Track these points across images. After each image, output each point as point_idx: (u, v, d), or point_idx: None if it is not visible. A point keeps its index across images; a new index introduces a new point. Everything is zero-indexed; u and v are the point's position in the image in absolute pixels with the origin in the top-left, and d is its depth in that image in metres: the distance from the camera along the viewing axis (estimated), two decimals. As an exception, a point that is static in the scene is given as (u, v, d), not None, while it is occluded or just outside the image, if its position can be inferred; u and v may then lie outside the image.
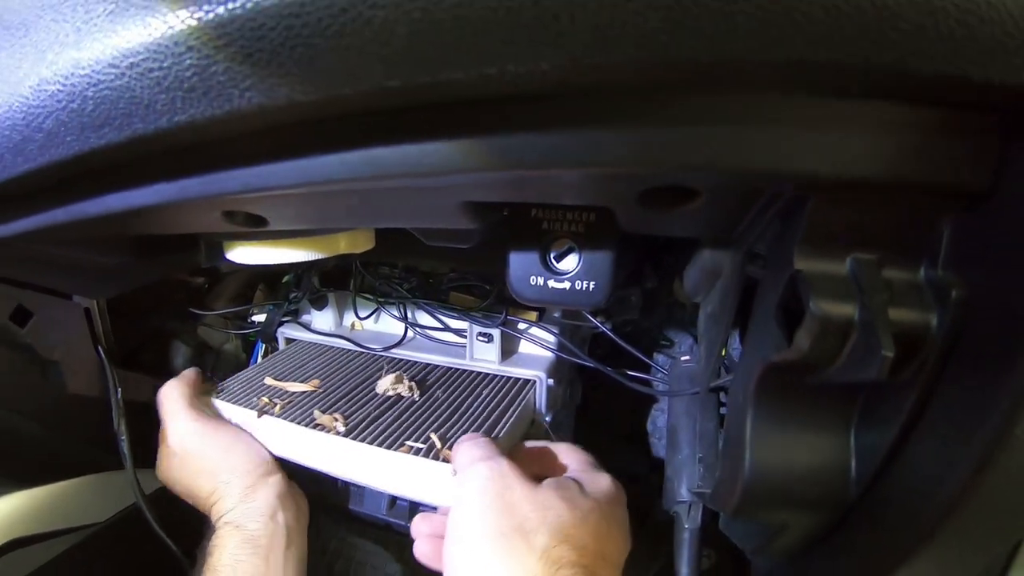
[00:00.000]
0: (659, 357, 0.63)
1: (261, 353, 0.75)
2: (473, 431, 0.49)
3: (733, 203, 0.28)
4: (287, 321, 0.71)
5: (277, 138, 0.24)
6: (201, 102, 0.21)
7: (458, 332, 0.63)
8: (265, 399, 0.56)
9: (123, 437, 0.63)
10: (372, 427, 0.51)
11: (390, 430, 0.51)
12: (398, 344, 0.64)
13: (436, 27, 0.17)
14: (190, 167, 0.27)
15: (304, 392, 0.58)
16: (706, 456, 0.44)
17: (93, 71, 0.22)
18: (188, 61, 0.19)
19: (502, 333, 0.58)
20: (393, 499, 0.61)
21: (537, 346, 0.60)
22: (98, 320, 0.63)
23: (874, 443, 0.29)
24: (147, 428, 0.62)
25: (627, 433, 0.77)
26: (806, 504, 0.31)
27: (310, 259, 0.46)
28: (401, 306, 0.65)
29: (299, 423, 0.52)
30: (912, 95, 0.19)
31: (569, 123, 0.21)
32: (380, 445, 0.48)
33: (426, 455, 0.47)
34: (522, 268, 0.39)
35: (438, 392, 0.57)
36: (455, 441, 0.47)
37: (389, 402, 0.56)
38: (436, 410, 0.54)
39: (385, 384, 0.57)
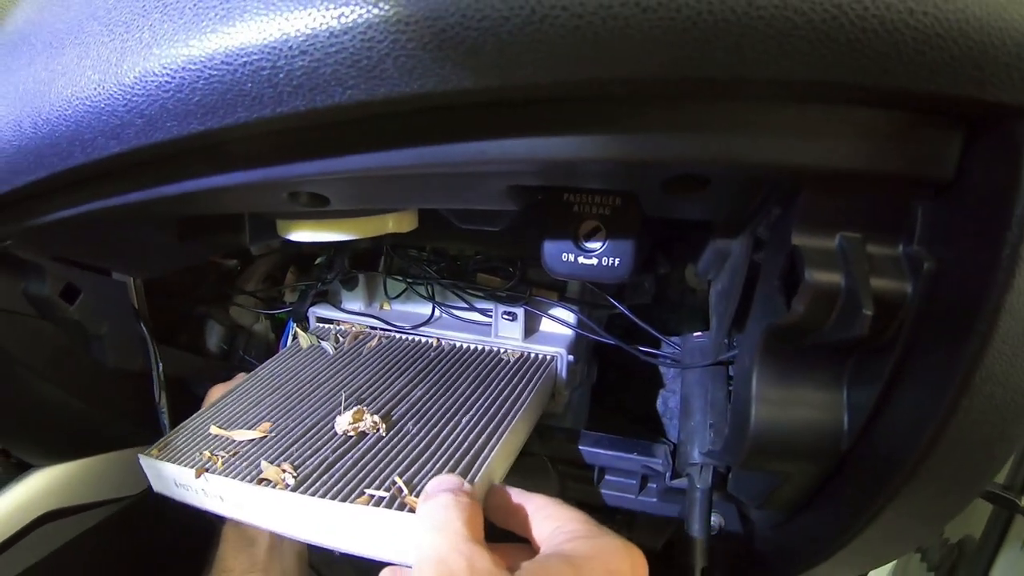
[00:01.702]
0: (672, 338, 0.67)
1: (292, 333, 0.79)
2: (448, 471, 0.43)
3: (739, 190, 0.32)
4: (318, 302, 0.75)
5: (357, 131, 0.28)
6: (304, 97, 0.25)
7: (483, 311, 0.67)
8: (208, 453, 0.49)
9: (163, 409, 0.68)
10: (327, 476, 0.45)
11: (347, 477, 0.44)
12: (426, 323, 0.68)
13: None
14: (273, 154, 0.32)
15: (252, 440, 0.51)
16: (716, 422, 0.49)
17: (205, 66, 0.26)
18: (299, 63, 0.24)
19: (525, 312, 0.63)
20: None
21: (558, 324, 0.64)
22: (134, 297, 0.66)
23: (863, 399, 0.33)
24: (184, 404, 0.66)
25: (640, 415, 0.82)
26: (805, 454, 0.35)
27: (361, 238, 0.50)
28: (429, 287, 0.70)
29: (243, 478, 0.45)
30: (886, 103, 0.24)
31: (624, 124, 0.26)
32: (334, 497, 0.42)
33: (388, 505, 0.41)
34: (555, 246, 0.43)
35: (409, 425, 0.50)
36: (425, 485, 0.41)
37: (350, 443, 0.48)
38: (405, 447, 0.47)
39: (344, 423, 0.49)
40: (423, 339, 0.68)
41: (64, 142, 0.31)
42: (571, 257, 0.43)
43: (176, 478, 0.49)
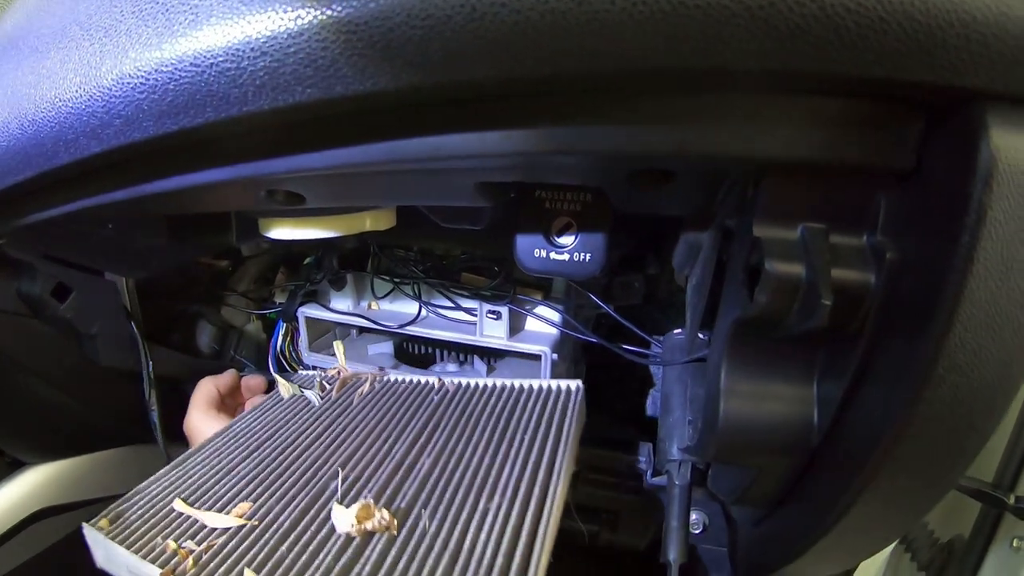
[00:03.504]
0: (657, 336, 0.68)
1: (282, 333, 0.80)
2: None
3: (704, 183, 0.33)
4: (307, 302, 0.76)
5: (322, 129, 0.29)
6: (268, 96, 0.25)
7: (469, 311, 0.68)
8: (172, 543, 0.38)
9: (154, 408, 0.68)
10: None
11: None
12: (412, 322, 0.68)
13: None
14: (245, 152, 0.32)
15: (228, 529, 0.40)
16: (695, 418, 0.49)
17: (175, 68, 0.27)
18: (261, 63, 0.24)
19: (510, 311, 0.63)
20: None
21: (543, 323, 0.65)
22: (126, 297, 0.67)
23: (832, 393, 0.33)
24: (175, 402, 0.67)
25: (630, 414, 0.82)
26: (775, 449, 0.36)
27: (338, 235, 0.50)
28: (415, 286, 0.70)
29: None
30: (842, 92, 0.24)
31: (584, 117, 0.26)
32: None
33: None
34: (527, 242, 0.44)
35: (424, 519, 0.40)
36: None
37: (354, 547, 0.38)
38: (426, 556, 0.37)
39: (346, 521, 0.39)
40: (422, 379, 0.62)
41: (49, 142, 0.32)
42: (543, 252, 0.44)
43: (132, 568, 0.39)
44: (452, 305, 0.68)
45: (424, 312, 0.69)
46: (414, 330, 0.68)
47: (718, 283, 0.37)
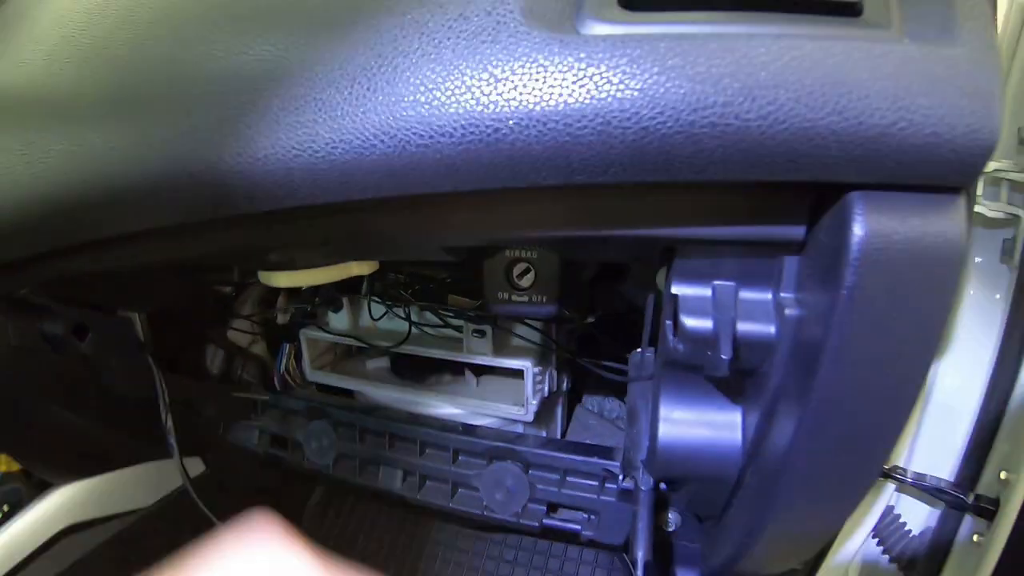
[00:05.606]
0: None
1: (286, 353, 0.85)
2: None
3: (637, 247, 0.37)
4: (307, 323, 0.81)
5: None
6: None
7: (456, 328, 0.72)
8: None
9: (171, 431, 0.74)
10: None
11: None
12: (404, 341, 0.73)
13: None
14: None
15: None
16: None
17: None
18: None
19: (493, 329, 0.68)
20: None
21: (523, 340, 0.70)
22: (139, 330, 0.72)
23: (754, 420, 0.38)
24: (186, 421, 0.73)
25: (615, 417, 0.87)
26: (706, 468, 0.40)
27: (330, 281, 0.54)
28: (406, 308, 0.75)
29: None
30: (743, 186, 0.29)
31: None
32: None
33: None
34: (492, 284, 0.48)
35: None
36: None
37: None
38: None
39: None
40: None
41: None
42: (506, 295, 0.48)
43: None
44: (441, 323, 0.73)
45: (415, 331, 0.74)
46: (406, 348, 0.73)
47: (658, 317, 0.41)
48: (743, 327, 0.33)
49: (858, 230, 0.27)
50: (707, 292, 0.34)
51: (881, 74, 0.24)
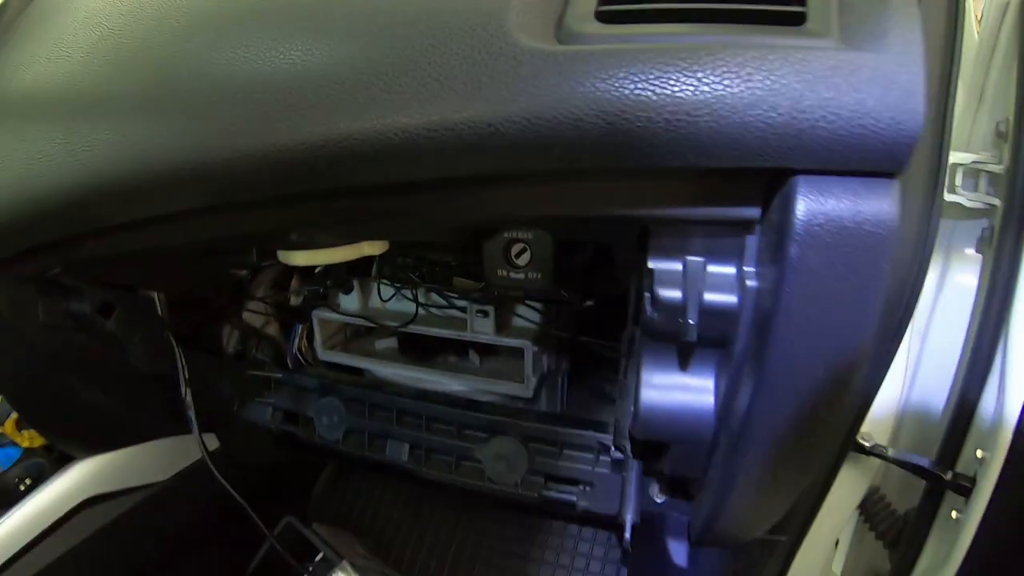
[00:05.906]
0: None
1: (299, 333, 0.90)
2: None
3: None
4: (319, 304, 0.85)
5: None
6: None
7: (461, 309, 0.77)
8: None
9: (190, 407, 0.78)
10: None
11: None
12: (411, 321, 0.78)
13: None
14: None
15: None
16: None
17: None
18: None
19: (496, 309, 0.72)
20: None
21: (524, 321, 0.74)
22: (159, 309, 0.75)
23: (722, 385, 0.42)
24: (202, 400, 0.77)
25: (612, 395, 0.91)
26: (683, 430, 0.44)
27: (344, 260, 0.59)
28: (414, 290, 0.79)
29: None
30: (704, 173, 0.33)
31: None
32: None
33: None
34: (492, 263, 0.53)
35: None
36: None
37: None
38: None
39: None
40: None
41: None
42: (504, 272, 0.53)
43: None
44: (446, 304, 0.78)
45: (421, 311, 0.79)
46: (414, 328, 0.78)
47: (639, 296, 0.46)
48: (710, 297, 0.37)
49: (800, 209, 0.31)
50: (679, 267, 0.38)
51: (813, 75, 0.28)
